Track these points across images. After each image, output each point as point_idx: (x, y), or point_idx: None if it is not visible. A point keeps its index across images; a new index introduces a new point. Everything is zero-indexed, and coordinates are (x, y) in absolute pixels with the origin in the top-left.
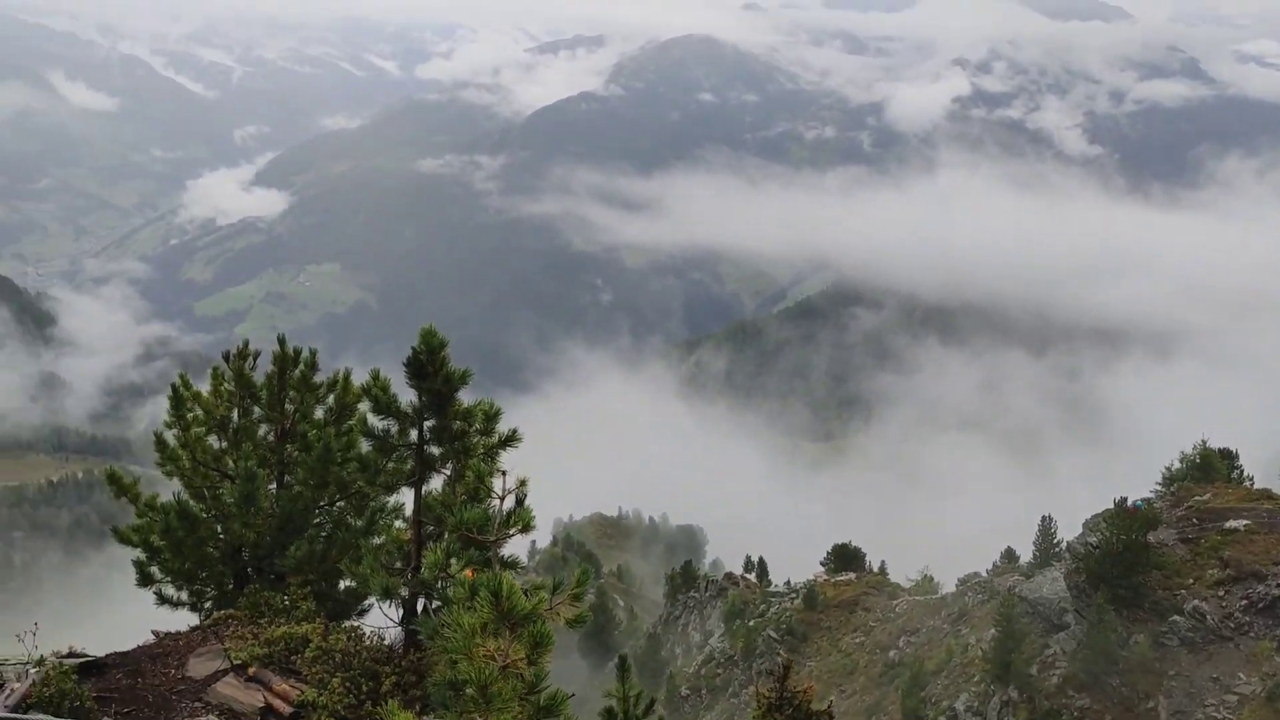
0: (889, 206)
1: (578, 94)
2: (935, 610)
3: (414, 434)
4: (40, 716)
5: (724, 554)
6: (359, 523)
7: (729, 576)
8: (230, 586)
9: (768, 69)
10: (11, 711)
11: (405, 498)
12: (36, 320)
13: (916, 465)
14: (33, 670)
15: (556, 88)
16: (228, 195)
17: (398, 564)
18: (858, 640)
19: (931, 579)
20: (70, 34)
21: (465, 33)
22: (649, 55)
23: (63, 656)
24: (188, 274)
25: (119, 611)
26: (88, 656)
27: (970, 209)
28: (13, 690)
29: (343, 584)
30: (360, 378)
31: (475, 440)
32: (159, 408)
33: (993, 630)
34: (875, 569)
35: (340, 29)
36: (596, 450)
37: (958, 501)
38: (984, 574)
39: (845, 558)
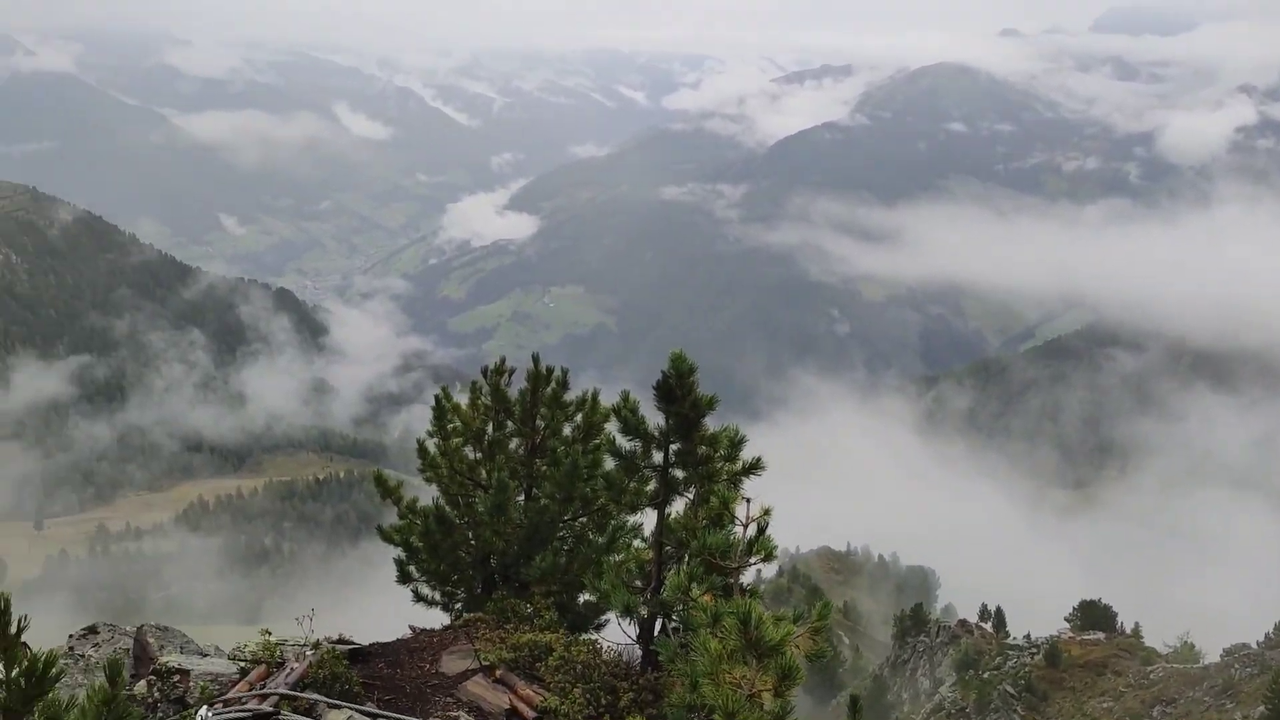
0: (1157, 242)
1: (821, 124)
2: (1196, 681)
3: (659, 456)
4: (315, 695)
5: (957, 599)
6: (600, 539)
7: (962, 623)
8: (479, 590)
9: (1025, 97)
10: (291, 689)
11: (646, 518)
12: (312, 330)
13: (1178, 522)
14: (309, 652)
15: (800, 117)
16: (483, 218)
17: (637, 582)
18: (1105, 705)
19: (1193, 646)
20: (354, 69)
21: (713, 63)
22: (897, 84)
23: (334, 642)
24: (444, 292)
25: (371, 603)
26: (355, 644)
27: (1251, 246)
28: (292, 669)
29: (582, 597)
30: (606, 398)
31: (719, 466)
32: (413, 416)
33: (1262, 708)
34: (1127, 630)
35: (594, 61)
36: (826, 482)
37: (1225, 566)
38: (1254, 646)
39: (1093, 615)
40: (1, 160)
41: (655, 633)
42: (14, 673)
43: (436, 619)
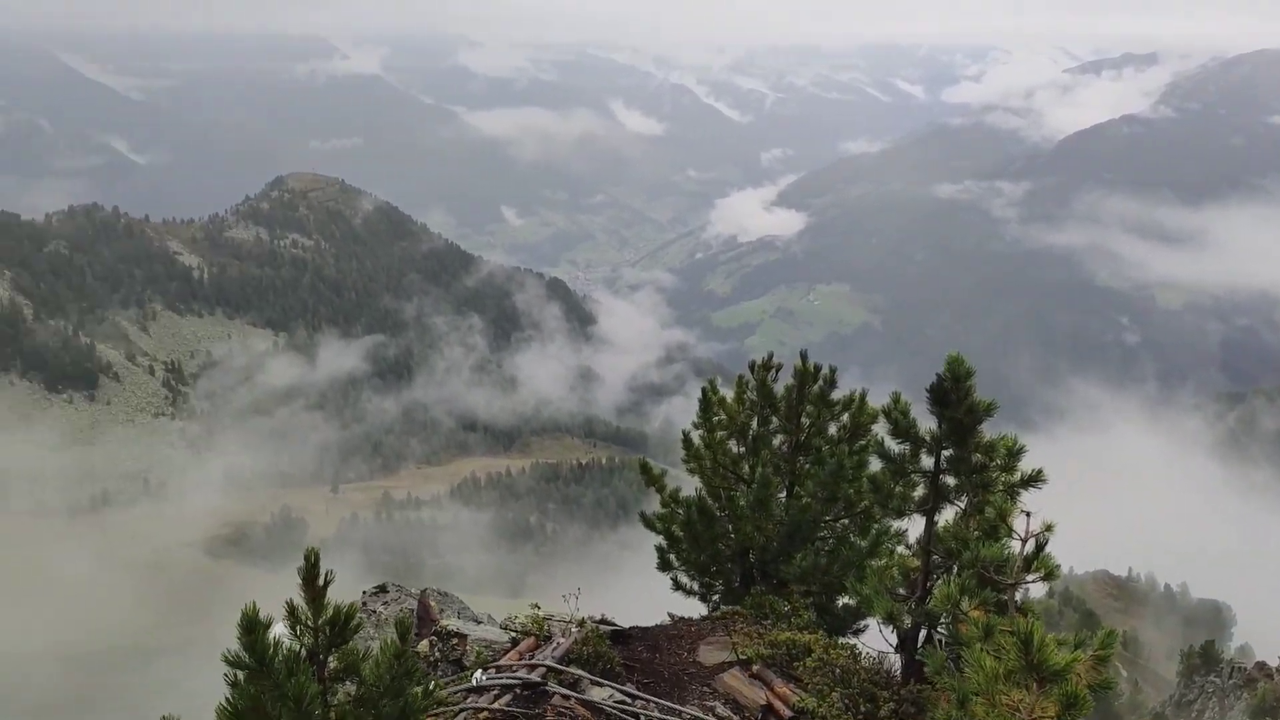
0: None
1: (1119, 117)
2: None
3: (929, 461)
4: (579, 671)
5: (1255, 639)
6: (862, 542)
7: (1260, 666)
8: (736, 584)
9: None
10: (557, 662)
11: (911, 524)
12: (581, 319)
13: None
14: (574, 629)
15: (1094, 110)
16: (750, 214)
17: (901, 590)
18: None
19: None
20: (631, 66)
21: (998, 55)
22: (1209, 74)
23: (596, 621)
24: (708, 286)
25: (626, 587)
26: (616, 625)
27: None
28: (559, 644)
29: (840, 600)
30: (870, 399)
31: (995, 475)
32: (673, 408)
33: None
34: None
35: (870, 55)
36: (1107, 502)
37: None
38: None
39: None
40: (315, 154)
41: (919, 643)
42: (320, 620)
43: (693, 608)
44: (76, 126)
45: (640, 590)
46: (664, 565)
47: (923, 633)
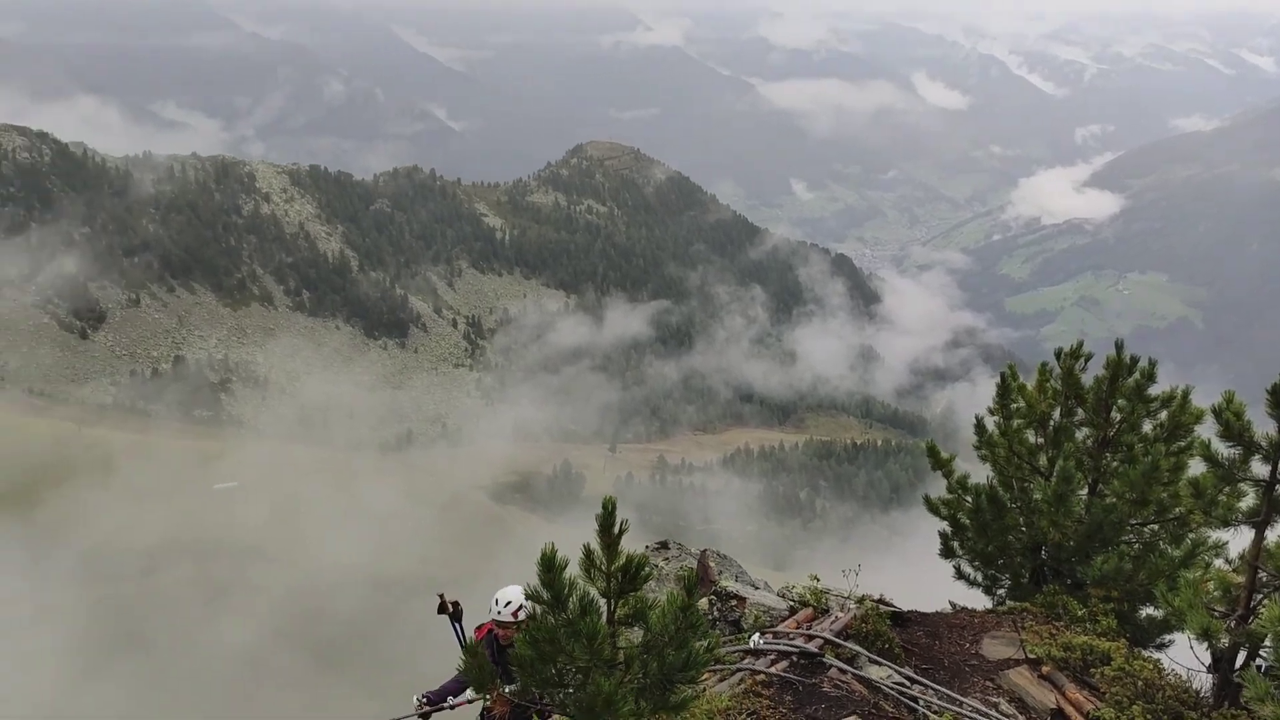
0: None
1: None
2: None
3: (1264, 470)
4: (858, 648)
5: None
6: (1175, 551)
7: None
8: (1025, 580)
9: None
10: (835, 636)
11: (1234, 537)
12: (865, 297)
13: None
14: (852, 605)
15: None
16: (1057, 195)
17: (1219, 607)
18: None
19: None
20: (938, 36)
21: None
22: None
23: (875, 601)
24: (1004, 269)
25: (896, 572)
26: (894, 607)
27: None
28: (837, 618)
29: (1144, 610)
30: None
31: None
32: (957, 394)
33: None
34: None
35: (1212, 23)
36: None
37: None
38: None
39: None
40: (613, 123)
41: (1236, 665)
42: (613, 566)
43: (974, 599)
44: (405, 95)
45: (908, 577)
46: (946, 553)
47: (1241, 655)
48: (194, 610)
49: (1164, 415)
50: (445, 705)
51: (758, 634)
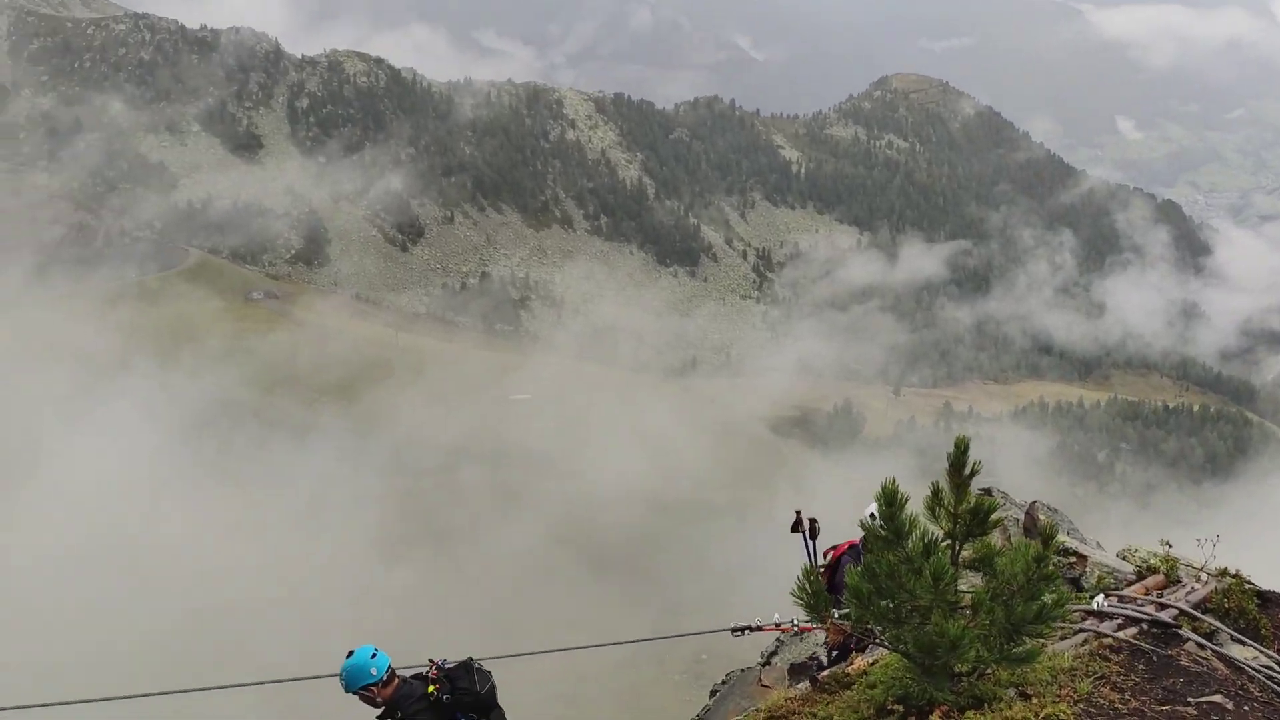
0: None
1: None
2: None
3: None
4: (1220, 624)
5: None
6: None
7: None
8: None
9: None
10: (1191, 608)
11: None
12: (1193, 248)
13: None
14: (1210, 578)
15: None
16: None
17: None
18: None
19: None
20: None
21: None
22: None
23: (1234, 576)
24: None
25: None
26: (1255, 586)
27: None
28: (1193, 589)
29: None
30: None
31: None
32: None
33: None
34: None
35: None
36: None
37: None
38: None
39: None
40: (923, 55)
41: None
42: (961, 508)
43: None
44: (710, 24)
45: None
46: None
47: None
48: (485, 509)
49: None
50: (753, 626)
51: (1102, 595)
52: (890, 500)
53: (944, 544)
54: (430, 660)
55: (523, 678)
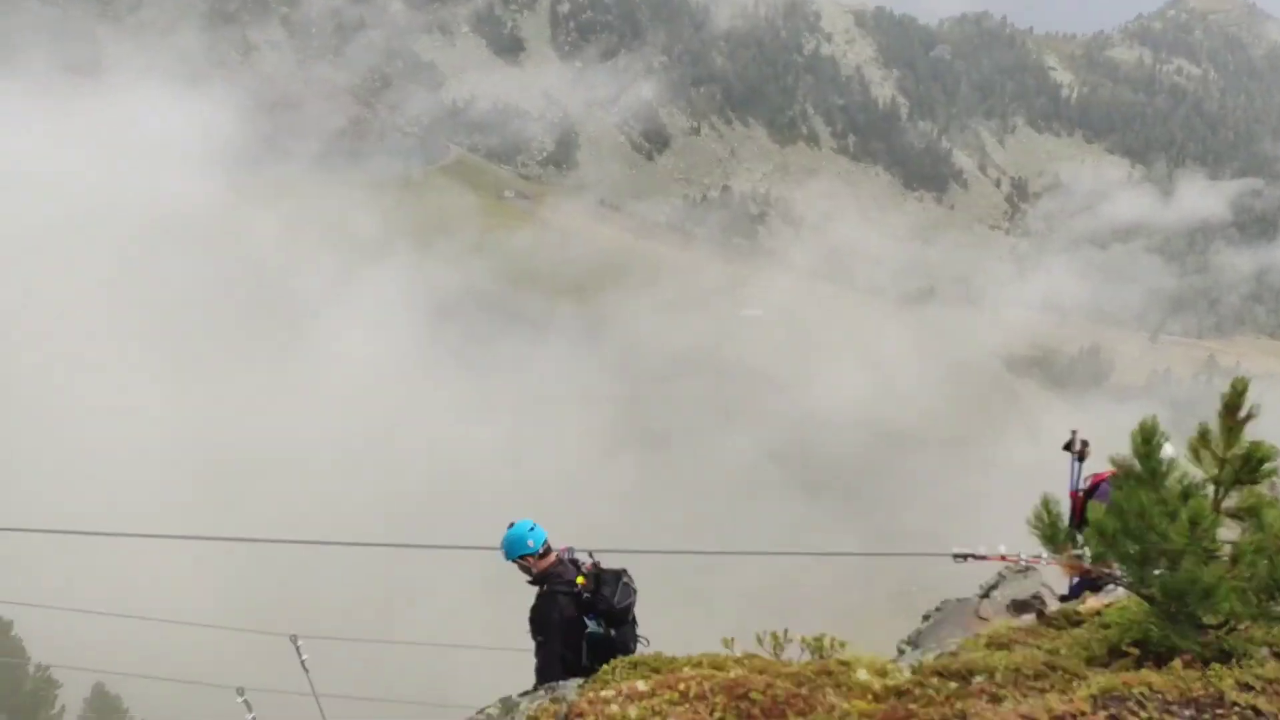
0: None
1: None
2: None
3: None
4: None
5: None
6: None
7: None
8: None
9: None
10: None
11: None
12: None
13: None
14: None
15: None
16: None
17: None
18: None
19: None
20: None
21: None
22: None
23: None
24: None
25: None
26: None
27: None
28: None
29: None
30: None
31: None
32: None
33: None
34: None
35: None
36: None
37: None
38: None
39: None
40: None
41: None
42: (1230, 452)
43: None
44: None
45: None
46: None
47: None
48: (704, 419)
49: None
50: (977, 554)
51: None
52: (1148, 437)
53: (1204, 490)
54: (591, 554)
55: (734, 586)
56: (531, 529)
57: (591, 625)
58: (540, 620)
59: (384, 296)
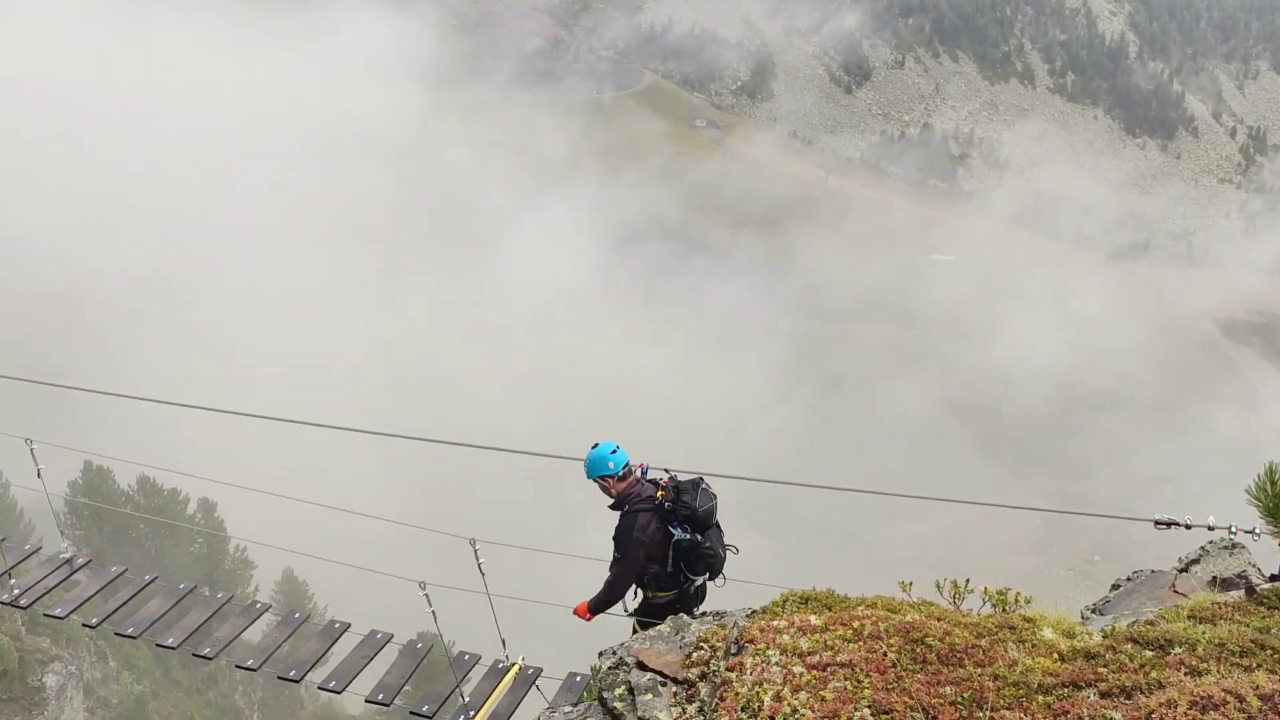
0: None
1: None
2: None
3: None
4: None
5: None
6: None
7: None
8: None
9: None
10: None
11: None
12: None
13: None
14: None
15: None
16: None
17: None
18: None
19: None
20: None
21: None
22: None
23: None
24: None
25: None
26: None
27: None
28: None
29: None
30: None
31: None
32: None
33: None
34: None
35: None
36: None
37: None
38: None
39: None
40: None
41: None
42: None
43: None
44: None
45: None
46: None
47: None
48: (883, 363)
49: None
50: (1183, 522)
51: None
52: None
53: None
54: (666, 470)
55: (899, 537)
56: (614, 451)
57: (678, 533)
58: (621, 538)
59: (569, 219)
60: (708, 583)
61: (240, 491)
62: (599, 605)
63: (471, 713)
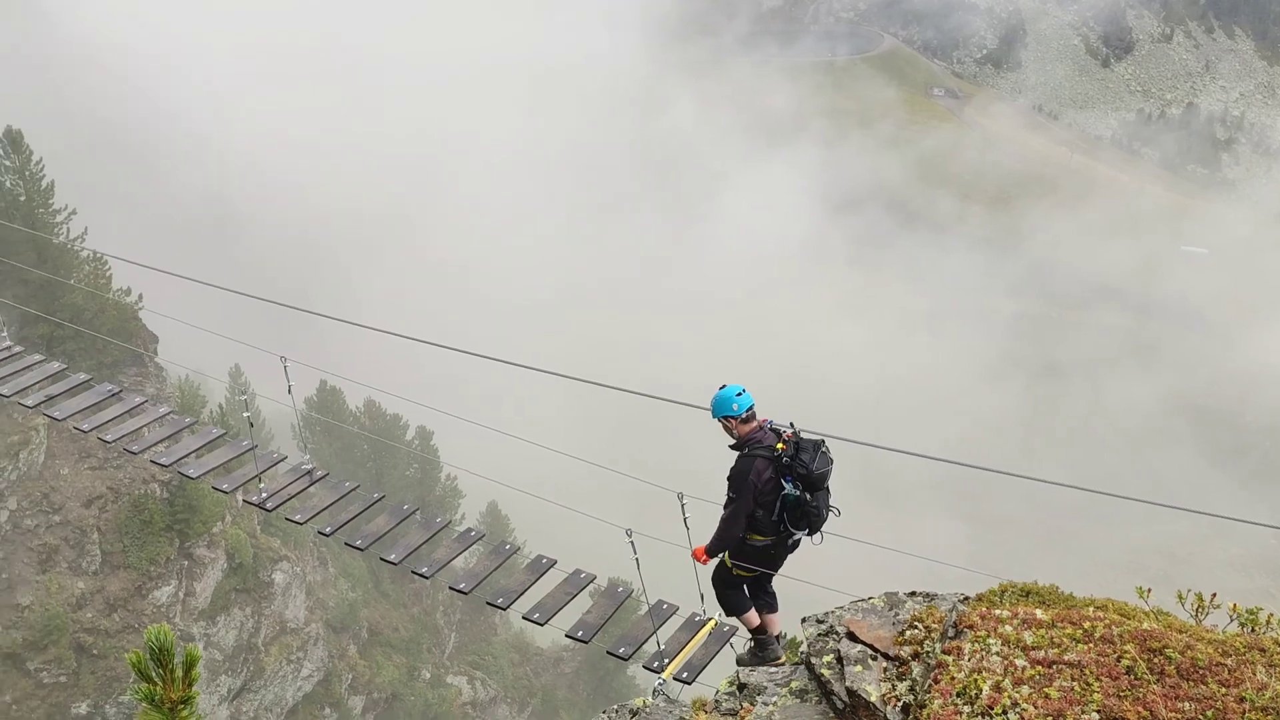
0: None
1: None
2: None
3: None
4: None
5: None
6: None
7: None
8: None
9: None
10: None
11: None
12: None
13: None
14: None
15: None
16: None
17: None
18: None
19: None
20: None
21: None
22: None
23: None
24: None
25: None
26: None
27: None
28: None
29: None
30: None
31: None
32: None
33: None
34: None
35: None
36: None
37: None
38: None
39: None
40: None
41: None
42: None
43: None
44: None
45: None
46: None
47: None
48: (1114, 355)
49: None
50: None
51: None
52: None
53: None
54: (791, 424)
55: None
56: (739, 394)
57: (788, 487)
58: (736, 479)
59: (789, 180)
60: (806, 538)
61: (455, 422)
62: (715, 547)
63: (666, 660)
